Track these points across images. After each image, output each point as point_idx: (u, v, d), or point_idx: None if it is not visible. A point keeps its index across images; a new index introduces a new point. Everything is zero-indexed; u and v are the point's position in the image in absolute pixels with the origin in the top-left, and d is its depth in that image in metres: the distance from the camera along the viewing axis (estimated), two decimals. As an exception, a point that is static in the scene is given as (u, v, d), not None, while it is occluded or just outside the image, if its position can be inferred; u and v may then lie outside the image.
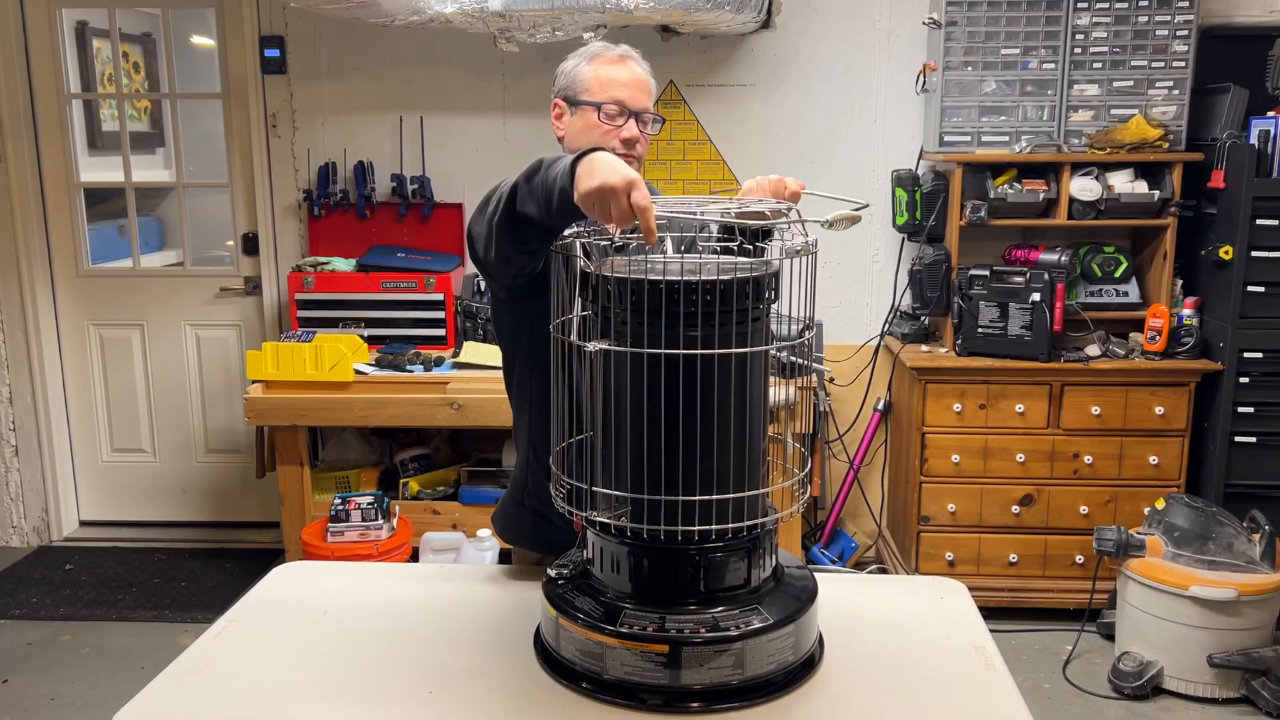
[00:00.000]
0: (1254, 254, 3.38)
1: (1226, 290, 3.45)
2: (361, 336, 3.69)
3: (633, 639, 1.32)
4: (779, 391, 1.47)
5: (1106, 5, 3.51)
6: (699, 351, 1.31)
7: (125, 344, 4.35)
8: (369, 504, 3.40)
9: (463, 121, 4.02)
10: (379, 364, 3.57)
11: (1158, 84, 3.55)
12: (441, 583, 1.74)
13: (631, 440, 1.36)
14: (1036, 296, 3.46)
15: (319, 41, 3.99)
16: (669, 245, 1.35)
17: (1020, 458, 3.55)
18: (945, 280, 3.62)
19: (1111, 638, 3.40)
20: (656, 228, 1.29)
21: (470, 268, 4.04)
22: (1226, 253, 3.41)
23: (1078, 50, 3.54)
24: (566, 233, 1.45)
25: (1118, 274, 3.69)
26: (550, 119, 1.99)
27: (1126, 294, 3.69)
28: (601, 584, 1.41)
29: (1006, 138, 3.61)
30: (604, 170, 1.31)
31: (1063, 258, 3.56)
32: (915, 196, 3.70)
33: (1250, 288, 3.41)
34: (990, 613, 2.37)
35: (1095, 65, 3.55)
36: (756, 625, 1.34)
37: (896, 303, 3.96)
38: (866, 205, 1.43)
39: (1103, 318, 3.66)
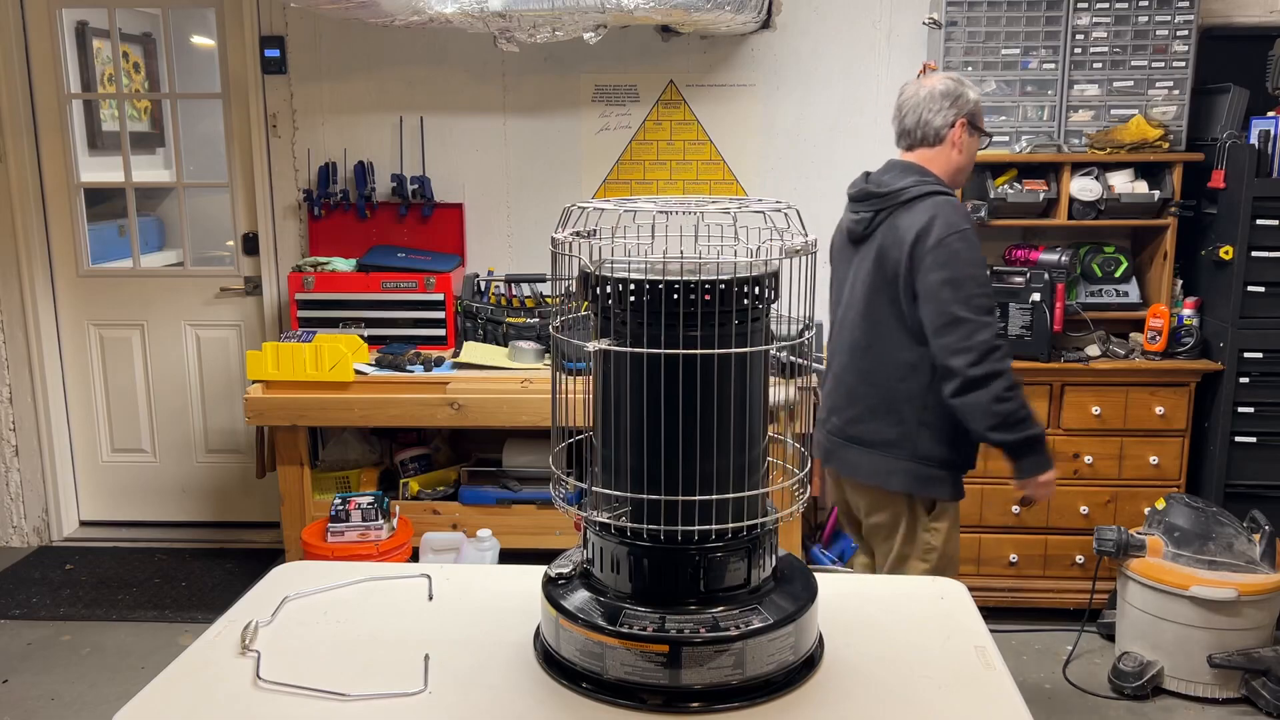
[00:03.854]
0: (1254, 254, 3.39)
1: (1226, 290, 3.45)
2: (361, 336, 3.69)
3: (633, 639, 1.32)
4: (779, 391, 1.47)
5: (1106, 5, 3.51)
6: (699, 351, 1.31)
7: (125, 344, 4.35)
8: (369, 504, 3.39)
9: (463, 121, 4.02)
10: (379, 364, 3.57)
11: (1158, 84, 3.55)
12: (442, 583, 1.74)
13: (631, 440, 1.36)
14: (1036, 296, 3.46)
15: (319, 41, 3.99)
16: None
17: (1020, 458, 3.54)
18: (945, 280, 3.61)
19: (1111, 638, 3.40)
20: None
21: (470, 268, 4.04)
22: (1226, 253, 3.41)
23: (1078, 50, 3.54)
24: (566, 233, 1.44)
25: (1118, 274, 3.69)
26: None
27: (1126, 294, 3.69)
28: (601, 584, 1.41)
29: (1006, 138, 3.60)
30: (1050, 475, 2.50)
31: (1063, 258, 3.56)
32: (915, 196, 3.69)
33: (1250, 288, 3.41)
34: (990, 613, 2.36)
35: (1095, 65, 3.55)
36: (756, 625, 1.34)
37: (896, 303, 3.95)
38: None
39: (1103, 318, 3.66)
